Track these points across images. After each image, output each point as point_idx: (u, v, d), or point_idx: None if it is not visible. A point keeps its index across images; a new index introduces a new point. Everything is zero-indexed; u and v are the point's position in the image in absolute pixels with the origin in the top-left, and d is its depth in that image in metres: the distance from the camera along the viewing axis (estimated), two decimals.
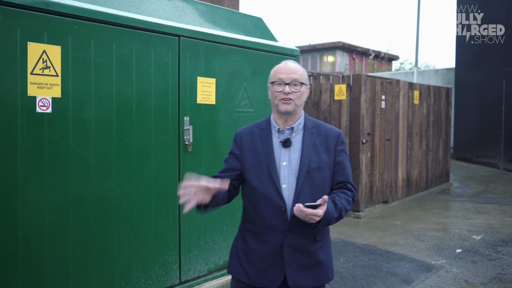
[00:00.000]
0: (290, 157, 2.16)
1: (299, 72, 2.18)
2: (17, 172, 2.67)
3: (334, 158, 2.22)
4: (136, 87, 3.24)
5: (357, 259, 5.17)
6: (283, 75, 2.15)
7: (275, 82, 2.17)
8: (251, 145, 2.23)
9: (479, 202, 8.55)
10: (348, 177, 2.26)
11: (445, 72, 17.11)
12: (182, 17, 3.78)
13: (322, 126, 2.27)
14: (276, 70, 2.21)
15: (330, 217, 2.04)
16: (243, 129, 2.33)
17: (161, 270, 3.46)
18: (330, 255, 2.30)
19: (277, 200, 2.13)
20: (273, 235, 2.16)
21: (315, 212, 1.97)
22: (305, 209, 1.96)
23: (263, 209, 2.17)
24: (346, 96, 7.37)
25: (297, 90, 2.15)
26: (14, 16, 2.62)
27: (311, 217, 1.97)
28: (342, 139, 2.27)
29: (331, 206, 2.06)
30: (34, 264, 2.76)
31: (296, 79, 2.15)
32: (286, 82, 2.14)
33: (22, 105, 2.67)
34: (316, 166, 2.16)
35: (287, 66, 2.19)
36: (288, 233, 2.13)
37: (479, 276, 4.65)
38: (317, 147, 2.19)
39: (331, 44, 30.81)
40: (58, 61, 2.81)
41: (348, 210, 2.21)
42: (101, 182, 3.07)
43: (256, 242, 2.21)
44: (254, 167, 2.19)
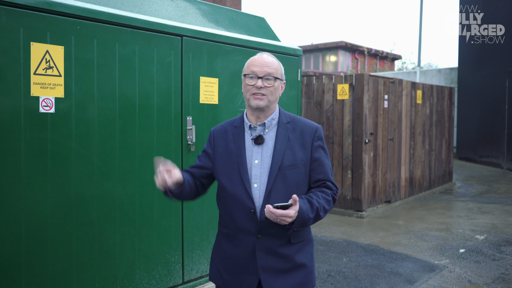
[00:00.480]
0: (263, 155, 2.04)
1: (273, 65, 2.05)
2: (20, 172, 2.67)
3: (311, 154, 2.07)
4: (139, 87, 3.24)
5: (360, 259, 5.16)
6: (256, 67, 2.02)
7: (248, 75, 2.04)
8: (223, 144, 2.13)
9: (482, 202, 8.53)
10: (327, 175, 2.10)
11: (448, 72, 17.08)
12: (185, 17, 3.78)
13: (298, 121, 2.13)
14: (249, 62, 2.07)
15: (304, 218, 1.91)
16: (218, 127, 2.23)
17: (164, 270, 3.46)
18: (312, 259, 2.16)
19: (246, 201, 2.01)
20: (245, 238, 2.05)
21: (285, 213, 1.83)
22: (275, 210, 1.83)
23: (233, 211, 2.07)
24: (349, 95, 7.35)
25: (270, 85, 2.02)
26: (17, 16, 2.63)
27: (282, 218, 1.84)
28: (320, 135, 2.12)
29: (306, 206, 1.93)
30: (37, 264, 2.76)
31: (270, 73, 2.02)
32: (258, 76, 2.01)
33: (25, 105, 2.67)
34: (289, 163, 2.02)
35: (261, 59, 2.05)
36: (260, 235, 2.01)
37: (482, 276, 4.63)
38: (291, 143, 2.06)
39: (333, 44, 30.79)
40: (61, 61, 2.81)
41: (328, 209, 2.06)
42: (104, 182, 3.07)
43: (230, 246, 2.11)
44: (225, 167, 2.09)
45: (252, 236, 2.02)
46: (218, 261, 2.17)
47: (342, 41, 30.52)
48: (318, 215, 1.99)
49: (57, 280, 2.85)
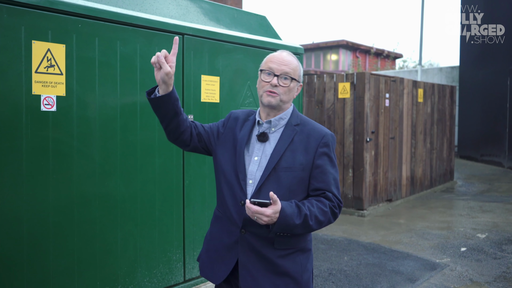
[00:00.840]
0: (263, 153, 1.99)
1: (292, 65, 1.98)
2: (22, 170, 2.68)
3: (313, 160, 1.95)
4: (140, 85, 3.24)
5: (361, 258, 5.16)
6: (274, 64, 1.96)
7: (264, 71, 1.99)
8: (233, 131, 2.09)
9: (484, 201, 8.52)
10: (329, 185, 1.94)
11: (449, 70, 17.06)
12: (186, 15, 3.78)
13: (308, 125, 2.04)
14: (268, 58, 2.02)
15: (288, 222, 1.77)
16: (237, 111, 2.19)
17: (165, 268, 3.46)
18: (303, 270, 1.99)
19: (239, 192, 1.96)
20: (231, 228, 2.00)
21: (261, 210, 1.73)
22: (250, 205, 1.73)
23: (226, 197, 2.02)
24: (350, 94, 7.35)
25: (286, 84, 1.96)
26: (19, 14, 2.63)
27: (257, 215, 1.74)
28: (327, 141, 1.99)
29: (292, 210, 1.80)
30: (39, 262, 2.77)
31: (287, 72, 1.95)
32: (275, 74, 1.95)
33: (27, 103, 2.67)
34: (286, 165, 1.93)
35: (281, 56, 1.98)
36: (243, 231, 1.95)
37: (484, 275, 4.63)
38: (294, 145, 1.97)
39: (334, 43, 30.74)
40: (62, 59, 2.81)
41: (322, 221, 1.88)
42: (105, 180, 3.07)
43: (216, 230, 2.08)
44: (227, 153, 2.05)
45: (237, 228, 1.97)
46: (205, 242, 2.17)
47: (343, 39, 30.47)
48: (306, 224, 1.83)
49: (59, 278, 2.86)
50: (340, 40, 30.55)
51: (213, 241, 2.09)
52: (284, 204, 1.80)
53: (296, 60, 2.02)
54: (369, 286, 4.34)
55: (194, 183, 3.63)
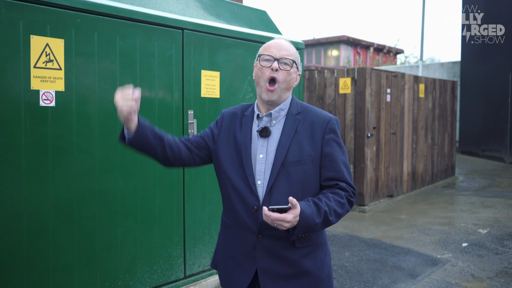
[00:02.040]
0: (268, 149, 1.86)
1: (292, 50, 1.89)
2: (21, 166, 2.66)
3: (321, 149, 1.85)
4: (140, 80, 3.22)
5: (363, 253, 5.15)
6: (273, 49, 1.87)
7: (263, 56, 1.87)
8: (231, 131, 1.96)
9: (485, 196, 8.50)
10: (341, 173, 1.86)
11: (450, 66, 17.00)
12: (186, 10, 3.75)
13: (309, 112, 1.92)
14: (267, 45, 1.92)
15: (309, 223, 1.70)
16: (229, 109, 2.05)
17: (165, 264, 3.45)
18: (322, 266, 1.91)
19: (250, 198, 1.84)
20: (245, 235, 1.88)
21: (281, 217, 1.64)
22: (270, 213, 1.64)
23: (235, 204, 1.89)
24: (351, 89, 7.32)
25: (287, 69, 1.85)
26: (17, 9, 2.60)
27: (278, 223, 1.65)
28: (333, 126, 1.88)
29: (311, 209, 1.72)
30: (39, 259, 2.76)
31: (288, 56, 1.86)
32: (275, 57, 1.84)
33: (25, 99, 2.65)
34: (294, 159, 1.82)
35: (279, 42, 1.90)
36: (261, 236, 1.84)
37: (485, 270, 4.62)
38: (299, 136, 1.85)
39: (335, 38, 30.67)
40: (61, 54, 2.79)
41: (341, 214, 1.83)
42: (105, 176, 3.06)
43: (229, 239, 1.96)
44: (230, 157, 1.91)
45: (252, 234, 1.86)
46: (218, 252, 2.05)
47: (344, 35, 30.40)
48: (327, 220, 1.77)
49: (59, 275, 2.85)
50: (341, 35, 30.49)
51: (227, 250, 1.97)
52: (303, 205, 1.71)
53: (294, 48, 1.94)
54: (370, 281, 4.33)
55: (195, 178, 3.61)
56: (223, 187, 1.97)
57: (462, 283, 4.30)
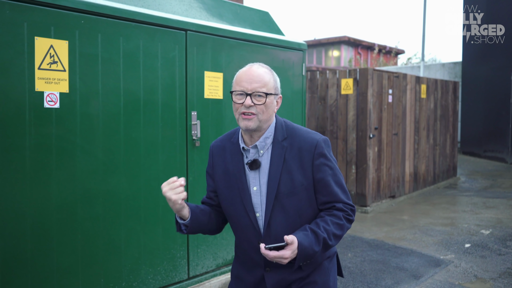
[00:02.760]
0: (260, 181, 1.83)
1: (264, 79, 1.77)
2: (25, 167, 2.66)
3: (313, 175, 1.80)
4: (143, 82, 3.22)
5: (365, 254, 5.14)
6: (244, 83, 1.76)
7: (235, 92, 1.78)
8: (222, 164, 1.91)
9: (487, 197, 8.50)
10: (336, 196, 1.83)
11: (451, 66, 16.99)
12: (189, 11, 3.75)
13: (296, 136, 1.84)
14: (237, 77, 1.81)
15: (308, 253, 1.71)
16: (216, 143, 1.99)
17: (169, 265, 3.45)
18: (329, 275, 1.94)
19: (252, 232, 1.84)
20: (254, 268, 1.90)
21: (279, 254, 1.65)
22: (267, 252, 1.66)
23: (241, 239, 1.92)
24: (353, 90, 7.32)
25: (261, 102, 1.75)
26: (21, 10, 2.61)
27: (277, 260, 1.67)
28: (321, 151, 1.81)
29: (309, 239, 1.71)
30: (43, 260, 2.76)
31: (259, 89, 1.75)
32: (247, 93, 1.75)
33: (30, 100, 2.66)
34: (287, 190, 1.79)
35: (249, 72, 1.78)
36: (268, 268, 1.86)
37: (488, 271, 4.61)
38: (288, 165, 1.80)
39: (336, 39, 30.67)
40: (65, 56, 2.79)
41: (340, 235, 1.82)
42: (109, 177, 3.06)
43: (241, 269, 1.98)
44: (227, 192, 1.89)
45: (260, 268, 1.87)
46: (233, 278, 2.04)
47: (345, 36, 30.40)
48: (326, 245, 1.78)
49: (63, 276, 2.85)
50: (342, 36, 30.49)
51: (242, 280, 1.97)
52: (300, 236, 1.71)
53: (269, 72, 1.83)
54: (373, 282, 4.33)
55: (198, 180, 3.61)
56: (229, 220, 1.97)
57: (466, 284, 4.30)
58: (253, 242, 1.85)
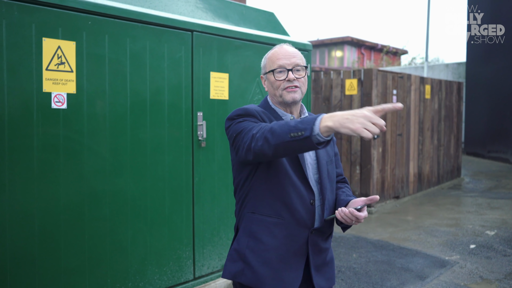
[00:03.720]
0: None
1: (299, 55, 1.95)
2: (33, 167, 2.67)
3: (334, 149, 2.10)
4: (150, 82, 3.23)
5: (370, 255, 5.14)
6: (283, 60, 1.90)
7: (276, 70, 1.90)
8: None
9: (492, 198, 8.47)
10: (342, 168, 2.19)
11: (455, 67, 16.96)
12: (195, 12, 3.76)
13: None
14: (273, 56, 1.94)
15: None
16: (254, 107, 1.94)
17: (175, 266, 3.46)
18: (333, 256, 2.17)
19: (307, 191, 1.89)
20: (298, 231, 1.89)
21: (362, 215, 1.82)
22: (358, 214, 1.79)
23: (292, 199, 1.87)
24: (357, 91, 7.31)
25: (301, 75, 1.92)
26: (29, 12, 2.62)
27: (357, 220, 1.83)
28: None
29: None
30: (51, 260, 2.77)
31: (299, 63, 1.91)
32: (288, 68, 1.89)
33: (37, 101, 2.67)
34: (328, 159, 2.01)
35: (285, 50, 1.93)
36: (314, 231, 1.91)
37: (494, 272, 4.60)
38: None
39: (339, 39, 30.64)
40: (72, 56, 2.80)
41: None
42: (115, 178, 3.07)
43: (274, 238, 1.87)
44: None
45: (306, 229, 1.89)
46: (251, 256, 1.89)
47: (348, 36, 30.37)
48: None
49: (70, 275, 2.86)
50: (345, 36, 30.46)
51: (274, 251, 1.88)
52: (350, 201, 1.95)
53: (298, 50, 2.00)
54: (379, 283, 4.32)
55: (204, 180, 3.62)
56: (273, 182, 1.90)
57: (471, 285, 4.29)
58: (305, 201, 1.90)
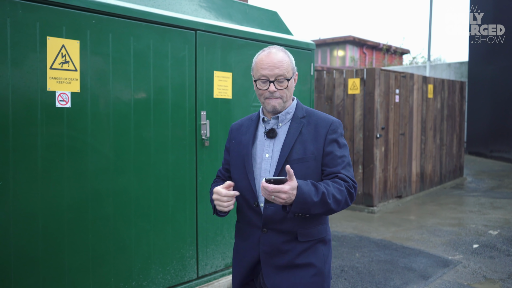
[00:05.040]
0: (274, 149, 1.97)
1: (284, 64, 1.92)
2: (37, 166, 2.67)
3: (323, 148, 1.94)
4: (154, 81, 3.22)
5: (373, 254, 5.13)
6: (266, 71, 1.91)
7: (259, 80, 1.95)
8: (238, 137, 2.09)
9: (494, 197, 8.46)
10: (340, 169, 1.92)
11: (457, 66, 16.93)
12: (198, 11, 3.76)
13: (314, 115, 2.02)
14: (258, 64, 1.95)
15: (306, 200, 1.74)
16: (236, 122, 2.20)
17: (178, 265, 3.45)
18: (324, 261, 1.99)
19: (249, 194, 1.97)
20: (251, 231, 2.00)
21: (278, 188, 1.68)
22: (267, 185, 1.68)
23: (240, 204, 2.05)
24: (360, 90, 7.30)
25: (283, 86, 1.93)
26: (34, 10, 2.62)
27: (275, 194, 1.69)
28: (335, 128, 1.98)
29: (308, 187, 1.76)
30: (55, 259, 2.77)
31: (281, 74, 1.91)
32: (270, 80, 1.92)
33: (41, 100, 2.66)
34: (298, 156, 1.92)
35: (269, 59, 1.92)
36: (265, 229, 1.95)
37: (497, 272, 4.59)
38: (303, 137, 1.95)
39: (341, 38, 30.61)
40: (76, 55, 2.80)
41: (340, 200, 1.84)
42: (119, 177, 3.07)
43: (239, 240, 2.10)
44: (235, 160, 2.06)
45: (257, 229, 1.97)
46: (234, 255, 2.14)
47: (350, 35, 30.33)
48: (325, 202, 1.79)
49: (74, 274, 2.86)
50: (347, 36, 30.42)
51: (238, 252, 2.09)
52: (300, 181, 1.76)
53: (286, 54, 1.97)
54: (382, 283, 4.31)
55: (207, 179, 3.61)
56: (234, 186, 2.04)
57: (475, 284, 4.28)
58: (250, 204, 1.98)
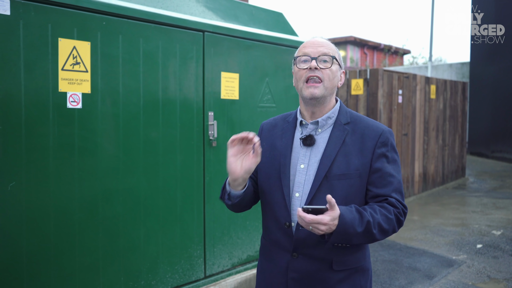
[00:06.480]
0: (311, 159, 1.68)
1: (329, 46, 1.71)
2: (49, 167, 2.70)
3: (371, 163, 1.65)
4: (162, 82, 3.25)
5: (377, 254, 5.16)
6: (309, 48, 1.69)
7: (299, 58, 1.70)
8: (270, 140, 1.80)
9: (497, 197, 8.48)
10: (391, 190, 1.64)
11: (459, 66, 16.95)
12: (206, 12, 3.79)
13: (360, 122, 1.72)
14: (301, 46, 1.74)
15: (348, 231, 1.50)
16: (268, 120, 1.91)
17: (186, 264, 3.48)
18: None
19: (281, 212, 1.69)
20: (279, 254, 1.73)
21: (318, 218, 1.44)
22: (304, 215, 1.44)
23: (268, 220, 1.77)
24: (363, 91, 7.33)
25: (327, 67, 1.66)
26: (46, 12, 2.65)
27: (313, 225, 1.45)
28: (385, 140, 1.68)
29: (352, 216, 1.52)
30: (66, 258, 2.80)
31: (326, 52, 1.66)
32: (312, 57, 1.66)
33: (53, 100, 2.69)
34: (340, 172, 1.63)
35: (314, 40, 1.71)
36: (295, 254, 1.68)
37: (501, 272, 4.62)
38: (347, 148, 1.66)
39: (342, 39, 30.63)
40: (87, 57, 2.83)
41: (387, 230, 1.59)
42: (128, 177, 3.09)
43: (264, 258, 1.82)
44: (266, 167, 1.77)
45: (286, 252, 1.70)
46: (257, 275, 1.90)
47: (351, 36, 30.35)
48: (369, 232, 1.54)
49: (85, 273, 2.89)
50: (348, 36, 30.44)
51: (263, 273, 1.83)
52: (343, 209, 1.52)
53: (333, 45, 1.75)
54: (387, 282, 4.34)
55: (215, 180, 3.64)
56: (261, 202, 1.85)
57: (479, 284, 4.31)
58: (280, 223, 1.70)
